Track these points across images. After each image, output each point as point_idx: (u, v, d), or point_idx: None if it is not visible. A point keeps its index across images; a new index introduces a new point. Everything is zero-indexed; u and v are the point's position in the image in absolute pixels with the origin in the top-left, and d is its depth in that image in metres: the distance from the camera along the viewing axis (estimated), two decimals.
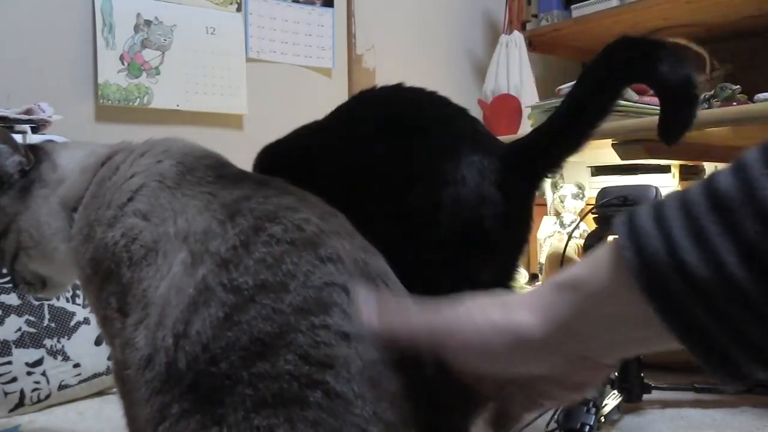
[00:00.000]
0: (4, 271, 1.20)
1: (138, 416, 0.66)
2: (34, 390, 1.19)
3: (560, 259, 1.29)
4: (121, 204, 0.76)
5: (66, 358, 1.24)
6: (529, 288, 2.22)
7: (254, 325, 0.58)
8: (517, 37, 2.58)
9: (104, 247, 0.75)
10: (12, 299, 1.20)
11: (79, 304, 1.29)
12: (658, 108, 1.44)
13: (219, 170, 0.76)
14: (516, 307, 0.50)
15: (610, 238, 1.30)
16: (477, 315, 0.52)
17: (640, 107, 1.43)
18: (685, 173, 2.03)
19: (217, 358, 0.58)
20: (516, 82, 2.49)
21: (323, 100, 2.34)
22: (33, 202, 0.83)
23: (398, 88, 0.99)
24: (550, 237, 2.44)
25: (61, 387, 1.23)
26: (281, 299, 0.58)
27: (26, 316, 1.21)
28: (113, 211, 0.76)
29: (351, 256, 0.64)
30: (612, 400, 1.12)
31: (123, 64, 1.96)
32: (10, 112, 1.47)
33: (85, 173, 0.83)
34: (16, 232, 0.83)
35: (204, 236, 0.65)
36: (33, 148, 0.86)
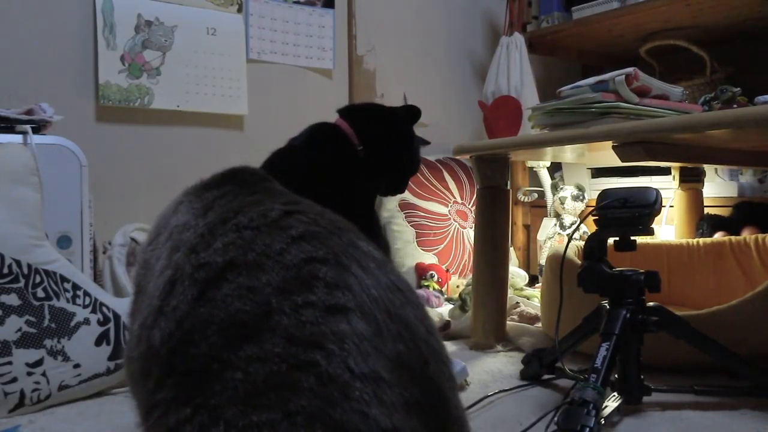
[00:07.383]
0: (5, 271, 1.21)
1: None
2: (34, 390, 1.19)
3: (560, 261, 1.29)
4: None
5: (66, 359, 1.24)
6: (529, 290, 2.21)
7: (230, 303, 0.58)
8: (518, 38, 2.58)
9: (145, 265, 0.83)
10: (12, 299, 1.20)
11: (79, 305, 1.29)
12: (659, 110, 1.44)
13: (218, 181, 0.82)
14: None
15: (611, 240, 1.29)
16: None
17: (640, 109, 1.42)
18: (685, 175, 2.03)
19: (194, 337, 0.58)
20: (516, 83, 2.49)
21: (324, 101, 2.35)
22: None
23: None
24: (550, 239, 2.44)
25: (61, 387, 1.23)
26: (256, 277, 0.59)
27: (26, 317, 1.21)
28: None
29: (324, 227, 0.65)
30: (612, 402, 1.12)
31: (124, 64, 1.97)
32: (11, 112, 1.47)
33: None
34: None
35: (182, 228, 0.71)
36: None
